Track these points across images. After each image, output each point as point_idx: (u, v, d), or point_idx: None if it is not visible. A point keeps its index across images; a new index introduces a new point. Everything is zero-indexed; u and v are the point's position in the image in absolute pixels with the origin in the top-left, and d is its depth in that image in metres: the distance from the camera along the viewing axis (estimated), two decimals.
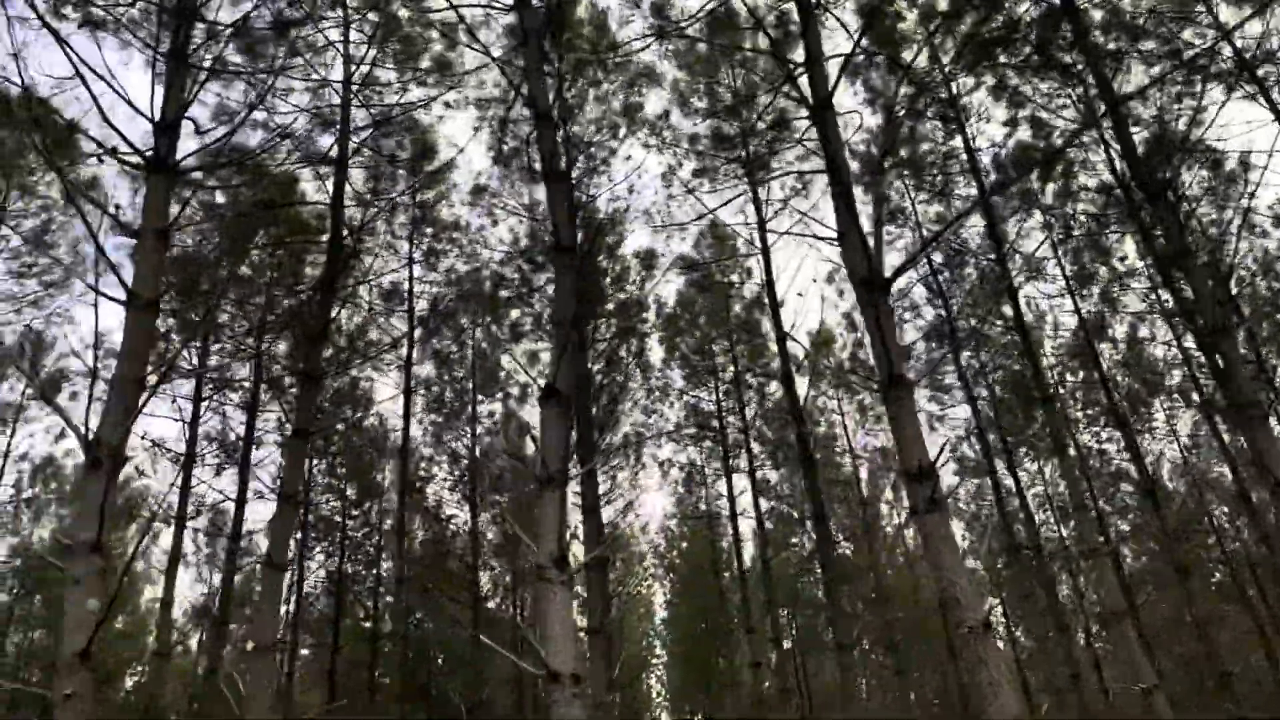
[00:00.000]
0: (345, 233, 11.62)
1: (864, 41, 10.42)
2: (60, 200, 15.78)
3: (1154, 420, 24.12)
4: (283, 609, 27.90)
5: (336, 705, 13.03)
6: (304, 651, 26.88)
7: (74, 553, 6.22)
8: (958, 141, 16.46)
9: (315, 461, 22.61)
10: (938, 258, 19.97)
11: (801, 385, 24.05)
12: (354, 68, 12.69)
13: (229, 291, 11.20)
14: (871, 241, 7.69)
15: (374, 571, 24.88)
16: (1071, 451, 27.26)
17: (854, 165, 13.27)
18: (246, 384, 17.59)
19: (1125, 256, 21.38)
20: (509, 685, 25.50)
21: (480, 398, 23.20)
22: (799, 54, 10.38)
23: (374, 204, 12.45)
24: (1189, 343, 21.66)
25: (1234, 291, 16.28)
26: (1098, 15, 13.80)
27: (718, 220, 15.19)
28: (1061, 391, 23.18)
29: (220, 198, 14.74)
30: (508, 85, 12.09)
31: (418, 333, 19.45)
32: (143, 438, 15.90)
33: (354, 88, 12.70)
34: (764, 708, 19.56)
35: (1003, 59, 12.78)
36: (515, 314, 18.40)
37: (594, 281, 16.93)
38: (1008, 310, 20.81)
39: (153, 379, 7.23)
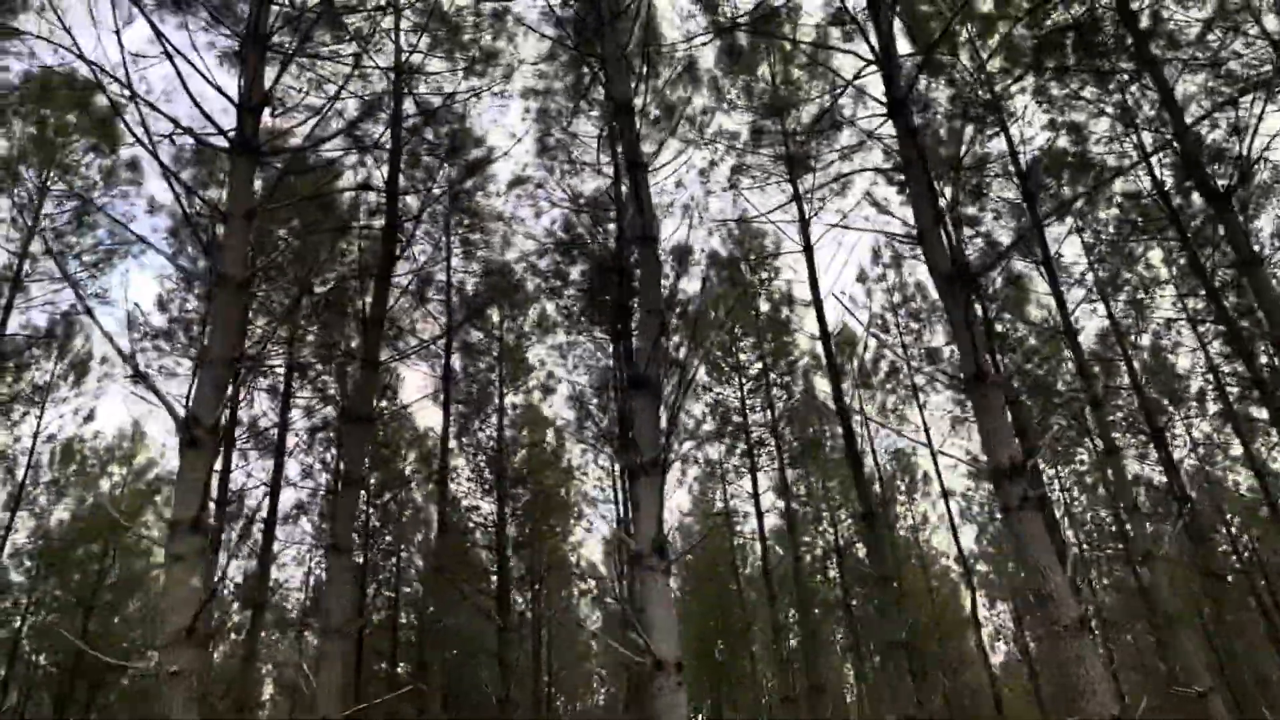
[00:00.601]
0: (398, 220, 11.64)
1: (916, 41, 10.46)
2: (100, 181, 15.79)
3: (1175, 428, 24.22)
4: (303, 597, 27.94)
5: (402, 691, 13.03)
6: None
7: (175, 530, 6.22)
8: (998, 144, 16.56)
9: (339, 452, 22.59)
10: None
11: (823, 384, 24.15)
12: (404, 56, 12.70)
13: (313, 274, 11.19)
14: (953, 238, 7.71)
15: (393, 561, 24.94)
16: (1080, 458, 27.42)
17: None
18: (278, 369, 17.59)
19: (1151, 265, 21.53)
20: (527, 680, 25.60)
21: (504, 390, 23.23)
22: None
23: (424, 191, 12.45)
24: (1213, 349, 21.88)
25: None
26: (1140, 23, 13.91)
27: (761, 217, 15.16)
28: (1082, 396, 23.30)
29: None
30: (584, 75, 12.10)
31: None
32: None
33: (405, 76, 12.71)
34: (795, 707, 19.59)
35: (1051, 63, 12.83)
36: (551, 306, 18.49)
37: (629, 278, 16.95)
38: (1033, 312, 20.97)
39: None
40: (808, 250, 14.64)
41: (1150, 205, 17.16)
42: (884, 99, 8.69)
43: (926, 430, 20.41)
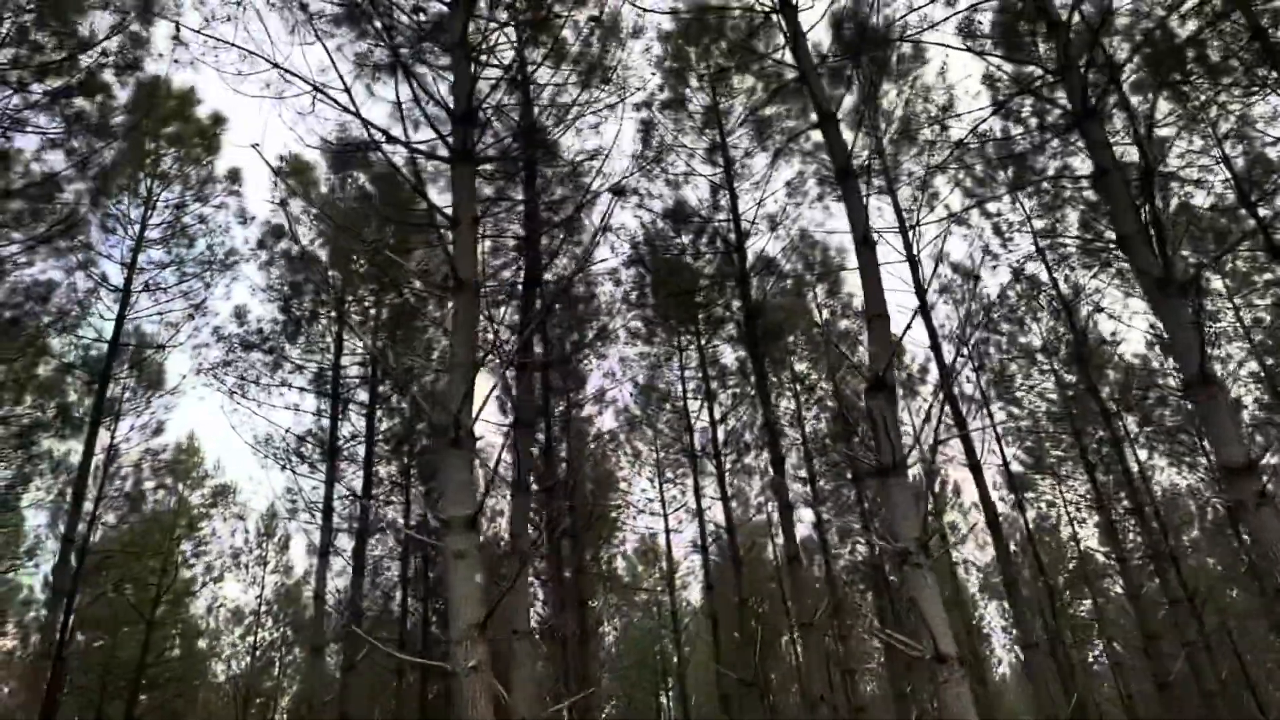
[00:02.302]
0: (537, 231, 11.77)
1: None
2: (197, 187, 15.79)
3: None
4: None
5: (586, 693, 13.04)
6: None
7: (452, 528, 6.30)
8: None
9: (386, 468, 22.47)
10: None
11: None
12: (530, 68, 12.82)
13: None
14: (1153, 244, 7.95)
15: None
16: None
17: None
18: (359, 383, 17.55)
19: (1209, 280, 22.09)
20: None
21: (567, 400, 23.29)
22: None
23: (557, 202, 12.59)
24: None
25: None
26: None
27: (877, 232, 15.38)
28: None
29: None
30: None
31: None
32: (288, 431, 15.85)
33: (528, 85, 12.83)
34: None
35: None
36: (633, 315, 18.67)
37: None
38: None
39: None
40: (911, 262, 14.86)
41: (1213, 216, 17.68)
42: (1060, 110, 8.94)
43: (1000, 438, 20.67)
